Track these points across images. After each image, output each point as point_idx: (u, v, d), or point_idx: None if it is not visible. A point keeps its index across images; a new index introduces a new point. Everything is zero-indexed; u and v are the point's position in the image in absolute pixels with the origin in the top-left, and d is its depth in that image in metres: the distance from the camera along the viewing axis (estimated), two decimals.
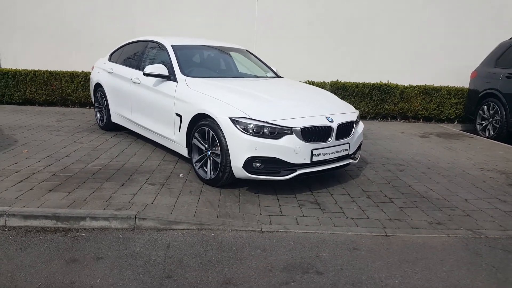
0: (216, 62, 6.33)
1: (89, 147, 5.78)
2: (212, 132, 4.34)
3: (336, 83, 9.47)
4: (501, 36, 9.04)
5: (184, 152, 4.90)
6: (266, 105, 4.39)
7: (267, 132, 4.09)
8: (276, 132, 4.11)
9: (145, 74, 5.17)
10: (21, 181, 4.27)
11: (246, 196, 4.29)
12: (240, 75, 6.15)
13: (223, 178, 4.33)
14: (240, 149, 4.10)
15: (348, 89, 9.45)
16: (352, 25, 10.03)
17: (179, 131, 4.89)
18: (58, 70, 9.42)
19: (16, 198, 3.79)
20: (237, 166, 4.14)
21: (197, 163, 4.70)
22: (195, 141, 4.65)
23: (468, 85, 9.14)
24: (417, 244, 3.42)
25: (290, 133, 4.13)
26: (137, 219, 3.52)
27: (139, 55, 6.16)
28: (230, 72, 6.20)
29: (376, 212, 4.04)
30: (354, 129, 4.73)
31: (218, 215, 3.76)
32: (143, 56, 6.05)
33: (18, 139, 6.03)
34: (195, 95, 4.70)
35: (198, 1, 9.86)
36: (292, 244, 3.33)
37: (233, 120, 4.14)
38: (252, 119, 4.11)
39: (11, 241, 3.19)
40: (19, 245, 3.13)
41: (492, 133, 8.03)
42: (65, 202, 3.76)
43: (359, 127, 4.97)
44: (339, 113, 4.63)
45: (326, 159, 4.40)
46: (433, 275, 2.95)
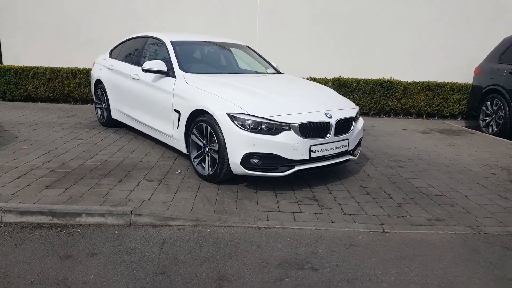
0: (216, 58, 6.29)
1: (89, 144, 5.78)
2: (210, 128, 4.32)
3: (339, 80, 9.40)
4: (505, 31, 8.94)
5: (183, 149, 4.88)
6: (264, 101, 4.36)
7: (265, 128, 4.06)
8: (274, 128, 4.08)
9: (144, 70, 5.16)
10: (19, 177, 4.26)
11: (244, 193, 4.27)
12: (240, 71, 6.11)
13: (221, 175, 4.31)
14: (238, 145, 4.07)
15: (351, 85, 9.39)
16: (354, 22, 9.95)
17: (178, 127, 4.87)
18: (60, 67, 9.42)
19: (13, 194, 3.79)
20: (235, 162, 4.12)
21: (196, 160, 4.69)
22: (193, 137, 4.63)
23: (472, 81, 9.05)
24: (415, 241, 3.39)
25: (288, 129, 4.10)
26: (133, 215, 3.51)
27: (139, 51, 6.14)
28: (230, 68, 6.16)
29: (375, 209, 4.00)
30: (354, 125, 4.69)
31: (215, 211, 3.75)
32: (143, 52, 6.03)
33: (18, 136, 6.03)
34: (194, 91, 4.67)
35: (199, 0, 9.85)
36: (288, 241, 3.31)
37: (231, 116, 4.11)
38: (250, 115, 4.08)
39: (6, 237, 3.18)
40: (14, 241, 3.13)
41: (495, 130, 7.95)
42: (62, 198, 3.75)
43: (359, 123, 4.93)
44: (338, 109, 4.58)
45: (325, 155, 4.36)
46: (430, 272, 2.92)
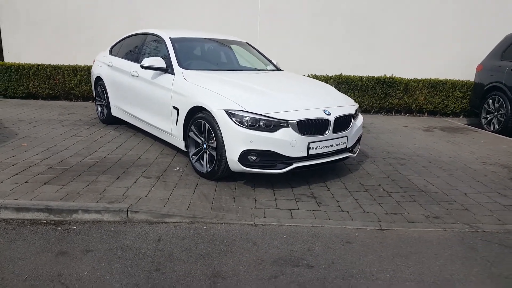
0: (216, 55, 6.27)
1: (88, 141, 5.78)
2: (208, 125, 4.31)
3: (340, 77, 9.37)
4: (508, 29, 8.88)
5: (181, 145, 4.88)
6: (263, 98, 4.34)
7: (263, 125, 4.04)
8: (272, 125, 4.06)
9: (143, 67, 5.14)
10: (17, 174, 4.27)
11: (242, 190, 4.26)
12: (239, 68, 6.09)
13: (219, 172, 4.30)
14: (235, 142, 4.06)
15: (352, 83, 9.35)
16: (356, 19, 9.91)
17: (176, 125, 4.86)
18: (61, 64, 9.43)
19: (10, 191, 3.79)
20: (233, 159, 4.11)
21: (194, 156, 4.68)
22: (192, 134, 4.62)
23: (474, 79, 9.00)
24: (412, 238, 3.37)
25: (286, 126, 4.08)
26: (129, 212, 3.50)
27: (138, 48, 6.13)
28: (230, 65, 6.14)
29: (373, 206, 3.98)
30: (353, 122, 4.66)
31: (212, 208, 3.73)
32: (142, 49, 6.02)
33: (18, 133, 6.04)
34: (192, 88, 4.66)
35: None
36: (285, 238, 3.29)
37: (229, 113, 4.10)
38: (248, 112, 4.06)
39: (2, 234, 3.18)
40: (10, 238, 3.13)
41: (497, 127, 7.90)
42: (59, 195, 3.74)
43: (358, 120, 4.91)
44: (337, 106, 4.56)
45: (323, 153, 4.34)
46: (426, 269, 2.90)
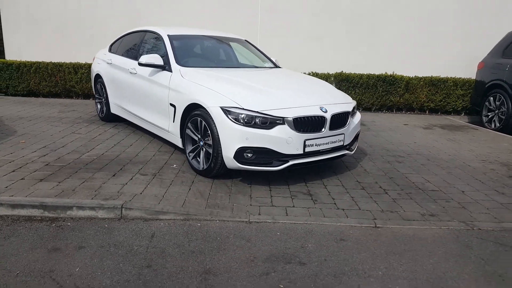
0: (214, 52, 6.25)
1: (86, 138, 5.79)
2: (204, 122, 4.30)
3: (341, 75, 9.34)
4: (510, 26, 8.83)
5: (179, 143, 4.88)
6: (259, 95, 4.33)
7: (259, 122, 4.03)
8: (268, 122, 4.05)
9: (140, 64, 5.15)
10: (14, 171, 4.28)
11: (238, 187, 4.25)
12: (238, 65, 6.07)
13: (215, 169, 4.29)
14: (231, 139, 4.05)
15: (353, 81, 9.32)
16: (357, 17, 9.87)
17: (173, 122, 4.86)
18: (62, 62, 9.45)
19: (6, 188, 3.80)
20: (228, 157, 4.10)
21: (191, 154, 4.67)
22: (189, 132, 4.61)
23: (475, 76, 8.95)
24: (407, 236, 3.35)
25: (282, 123, 4.07)
26: (124, 209, 3.50)
27: (137, 45, 6.13)
28: (228, 63, 6.12)
29: (369, 204, 3.96)
30: (350, 120, 4.64)
31: (207, 206, 3.73)
32: (141, 46, 6.02)
33: (17, 130, 6.06)
34: (189, 85, 4.65)
35: None
36: (279, 235, 3.28)
37: (224, 110, 4.09)
38: (243, 109, 4.05)
39: None
40: (4, 234, 3.14)
41: (498, 125, 7.85)
42: (54, 192, 3.75)
43: (356, 118, 4.89)
44: (334, 103, 4.54)
45: (320, 150, 4.32)
46: (419, 267, 2.88)
